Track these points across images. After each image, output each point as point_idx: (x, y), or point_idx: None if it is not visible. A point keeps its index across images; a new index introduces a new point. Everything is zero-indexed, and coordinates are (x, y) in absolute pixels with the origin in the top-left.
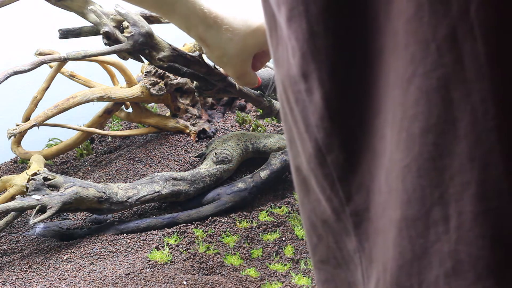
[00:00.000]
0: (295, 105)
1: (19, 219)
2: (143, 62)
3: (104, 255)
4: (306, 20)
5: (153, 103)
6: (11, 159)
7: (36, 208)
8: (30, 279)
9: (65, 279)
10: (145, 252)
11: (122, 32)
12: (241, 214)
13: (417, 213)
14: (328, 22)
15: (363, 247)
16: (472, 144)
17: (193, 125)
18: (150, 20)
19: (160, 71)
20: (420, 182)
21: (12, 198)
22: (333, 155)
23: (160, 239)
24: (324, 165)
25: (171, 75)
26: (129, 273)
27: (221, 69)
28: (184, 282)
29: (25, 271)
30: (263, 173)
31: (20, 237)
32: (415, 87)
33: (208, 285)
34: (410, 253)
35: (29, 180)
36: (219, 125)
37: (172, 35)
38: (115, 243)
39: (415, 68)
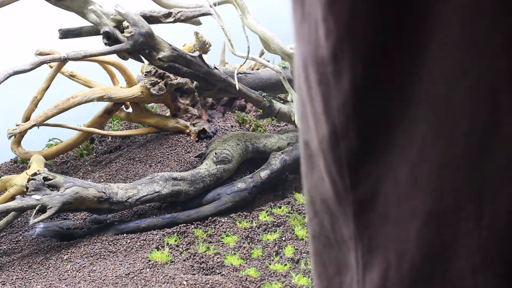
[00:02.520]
0: (317, 85)
1: (19, 219)
2: (143, 62)
3: (104, 255)
4: (350, 5)
5: (153, 103)
6: (11, 159)
7: (36, 208)
8: (30, 279)
9: (65, 279)
10: (145, 252)
11: (122, 32)
12: (241, 214)
13: (450, 207)
14: (371, 8)
15: (361, 235)
16: None
17: (193, 125)
18: (150, 20)
19: (160, 71)
20: (457, 179)
21: (12, 198)
22: (347, 140)
23: (160, 239)
24: (337, 149)
25: (171, 75)
26: (129, 273)
27: (220, 69)
28: (184, 282)
29: (25, 271)
30: (263, 173)
31: (20, 237)
32: (464, 87)
33: (208, 285)
34: (438, 243)
35: (29, 180)
36: (219, 125)
37: (172, 35)
38: (115, 243)
39: (466, 69)
